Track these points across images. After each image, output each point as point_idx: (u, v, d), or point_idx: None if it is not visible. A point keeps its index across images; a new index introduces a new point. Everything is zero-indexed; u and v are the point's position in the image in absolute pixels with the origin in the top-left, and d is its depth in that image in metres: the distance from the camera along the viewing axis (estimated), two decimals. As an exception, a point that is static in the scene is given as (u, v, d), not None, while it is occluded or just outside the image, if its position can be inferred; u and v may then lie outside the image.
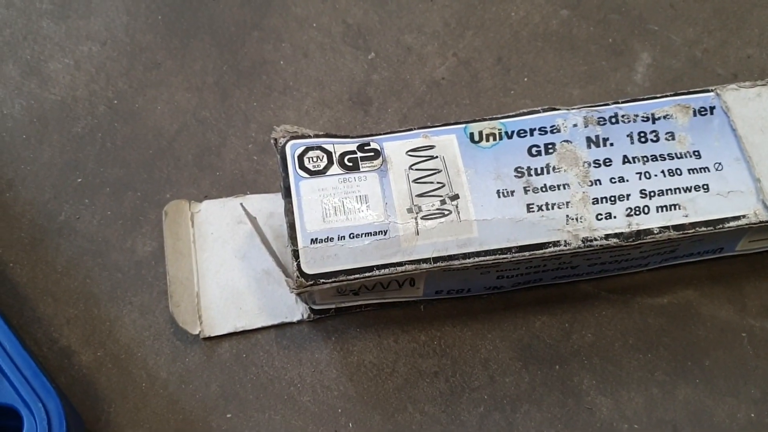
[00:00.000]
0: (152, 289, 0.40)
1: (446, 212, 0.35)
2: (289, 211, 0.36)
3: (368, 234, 0.35)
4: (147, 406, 0.37)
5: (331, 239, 0.35)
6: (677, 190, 0.36)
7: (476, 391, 0.38)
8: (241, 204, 0.38)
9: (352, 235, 0.35)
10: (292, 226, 0.35)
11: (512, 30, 0.47)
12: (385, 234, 0.35)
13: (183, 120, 0.44)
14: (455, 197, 0.36)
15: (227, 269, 0.40)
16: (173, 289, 0.38)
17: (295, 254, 0.35)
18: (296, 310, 0.39)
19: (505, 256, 0.35)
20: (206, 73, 0.45)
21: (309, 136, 0.37)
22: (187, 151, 0.43)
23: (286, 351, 0.39)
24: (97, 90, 0.44)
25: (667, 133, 0.37)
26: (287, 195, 0.36)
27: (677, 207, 0.36)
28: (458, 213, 0.35)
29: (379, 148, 0.37)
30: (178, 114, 0.44)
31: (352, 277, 0.35)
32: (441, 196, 0.36)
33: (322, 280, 0.34)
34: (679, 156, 0.37)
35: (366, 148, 0.37)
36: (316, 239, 0.35)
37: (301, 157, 0.36)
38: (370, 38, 0.46)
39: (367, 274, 0.35)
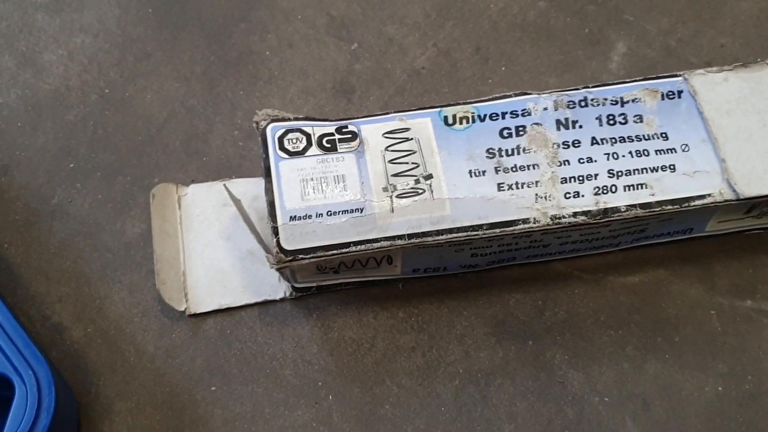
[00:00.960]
0: (141, 268, 0.41)
1: (420, 191, 0.37)
2: (269, 190, 0.37)
3: (345, 212, 0.37)
4: (135, 379, 0.39)
5: (310, 216, 0.36)
6: (644, 170, 0.37)
7: (452, 366, 0.39)
8: (225, 185, 0.39)
9: (329, 213, 0.36)
10: (271, 204, 0.37)
11: (491, 21, 0.48)
12: (361, 212, 0.37)
13: (171, 108, 0.45)
14: (429, 177, 0.37)
15: (212, 249, 0.41)
16: (160, 268, 0.40)
17: (275, 231, 0.36)
18: (279, 289, 0.41)
19: (476, 232, 0.36)
20: (194, 63, 0.47)
21: (290, 119, 0.39)
22: (175, 138, 0.44)
23: (268, 327, 0.40)
24: (89, 80, 0.46)
25: (635, 115, 0.39)
26: (267, 175, 0.37)
27: (644, 186, 0.37)
28: (432, 192, 0.37)
29: (356, 131, 0.38)
30: (167, 102, 0.45)
31: (330, 253, 0.36)
32: (415, 176, 0.37)
33: (301, 256, 0.36)
34: (646, 137, 0.38)
35: (344, 130, 0.38)
36: (295, 216, 0.36)
37: (281, 138, 0.38)
38: (353, 29, 0.48)
39: (344, 250, 0.36)
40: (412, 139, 0.38)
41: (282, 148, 0.38)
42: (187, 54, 0.47)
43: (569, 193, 0.37)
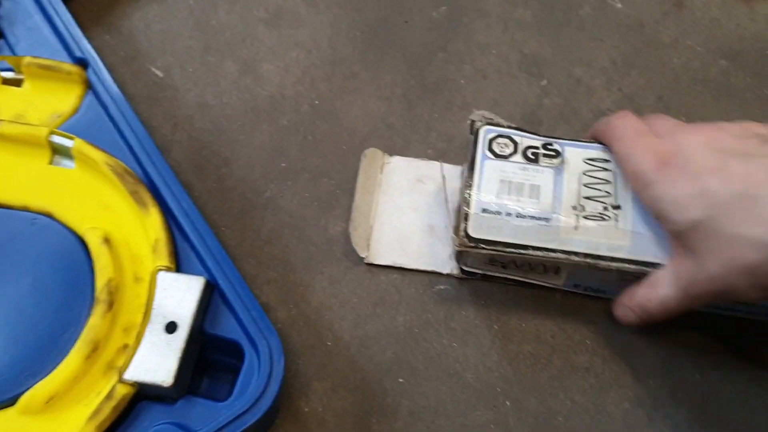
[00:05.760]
0: (340, 263, 0.45)
1: (606, 217, 0.40)
2: (469, 181, 0.41)
3: (532, 217, 0.40)
4: (331, 363, 0.43)
5: (500, 213, 0.40)
6: None
7: (623, 389, 0.42)
8: (440, 163, 0.45)
9: (518, 215, 0.40)
10: (469, 193, 0.41)
11: (674, 73, 0.51)
12: (547, 221, 0.40)
13: (373, 124, 0.50)
14: (617, 207, 0.40)
15: (400, 215, 0.46)
16: (355, 215, 0.45)
17: (466, 217, 0.40)
18: (447, 265, 0.45)
19: (649, 269, 0.39)
20: (395, 85, 0.51)
21: (502, 125, 0.43)
22: (376, 150, 0.49)
23: (453, 332, 0.44)
24: (302, 91, 0.51)
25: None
26: (471, 167, 0.41)
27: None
28: (617, 221, 0.40)
29: (560, 150, 0.42)
30: (370, 118, 0.50)
31: (509, 250, 0.40)
32: (605, 203, 0.40)
33: (482, 245, 0.40)
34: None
35: (549, 147, 0.42)
36: (487, 209, 0.40)
37: (491, 141, 0.42)
38: (544, 68, 0.51)
39: (522, 252, 0.40)
40: (610, 170, 0.41)
41: (490, 149, 0.42)
42: (389, 76, 0.51)
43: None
